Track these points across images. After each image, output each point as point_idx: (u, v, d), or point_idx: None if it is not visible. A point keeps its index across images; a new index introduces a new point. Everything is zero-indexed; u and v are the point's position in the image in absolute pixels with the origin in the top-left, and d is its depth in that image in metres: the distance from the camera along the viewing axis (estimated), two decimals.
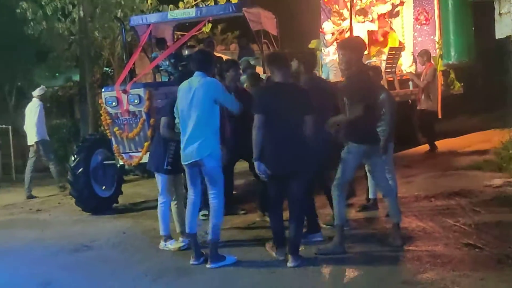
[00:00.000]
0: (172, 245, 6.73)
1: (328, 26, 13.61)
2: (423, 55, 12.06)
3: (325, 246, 6.21)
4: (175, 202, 6.85)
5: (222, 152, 6.15)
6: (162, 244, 6.78)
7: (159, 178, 6.79)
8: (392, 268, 5.68)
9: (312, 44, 14.39)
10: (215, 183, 6.06)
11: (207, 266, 5.99)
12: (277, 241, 6.04)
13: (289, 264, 5.79)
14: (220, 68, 7.79)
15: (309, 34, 15.29)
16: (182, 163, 6.12)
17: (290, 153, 5.74)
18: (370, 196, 7.81)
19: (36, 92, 11.48)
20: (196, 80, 6.03)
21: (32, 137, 11.22)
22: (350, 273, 5.64)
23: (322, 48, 13.67)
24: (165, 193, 6.78)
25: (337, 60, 7.13)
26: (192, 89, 5.99)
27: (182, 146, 6.04)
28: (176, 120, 6.30)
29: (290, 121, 5.76)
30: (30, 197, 10.99)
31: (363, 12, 13.35)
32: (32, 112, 11.23)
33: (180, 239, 6.79)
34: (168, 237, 6.78)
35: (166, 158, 6.56)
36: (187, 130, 6.01)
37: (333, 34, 13.37)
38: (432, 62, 12.30)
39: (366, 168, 7.53)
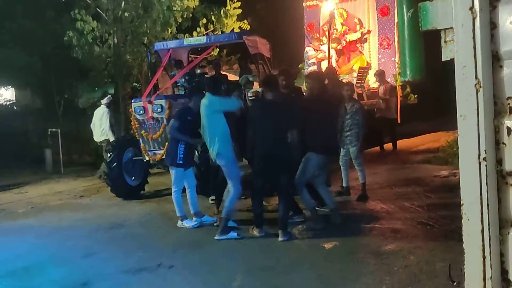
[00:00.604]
0: (187, 223, 6.72)
1: (310, 48, 13.59)
2: (379, 75, 11.97)
3: (308, 224, 6.26)
4: (188, 189, 6.84)
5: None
6: (179, 223, 6.77)
7: (173, 171, 6.79)
8: (361, 241, 5.69)
9: (301, 66, 14.38)
10: (228, 176, 6.20)
11: (215, 237, 6.03)
12: (257, 222, 6.06)
13: (280, 238, 5.79)
14: (227, 87, 7.80)
15: (295, 56, 15.28)
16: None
17: (274, 155, 5.80)
18: (344, 185, 7.81)
19: (104, 100, 11.19)
20: (205, 100, 6.28)
21: (103, 136, 10.91)
22: (327, 245, 5.63)
23: (305, 67, 13.62)
24: (178, 182, 6.77)
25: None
26: (203, 107, 6.26)
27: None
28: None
29: (275, 130, 5.79)
30: (100, 177, 10.84)
31: (337, 40, 13.37)
32: (103, 116, 10.89)
33: (194, 218, 6.78)
34: (184, 217, 6.76)
35: (178, 155, 6.61)
36: (206, 137, 6.24)
37: (316, 50, 13.36)
38: (389, 80, 12.32)
39: (340, 162, 7.59)
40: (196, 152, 7.70)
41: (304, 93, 7.06)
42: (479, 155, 1.89)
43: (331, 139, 6.40)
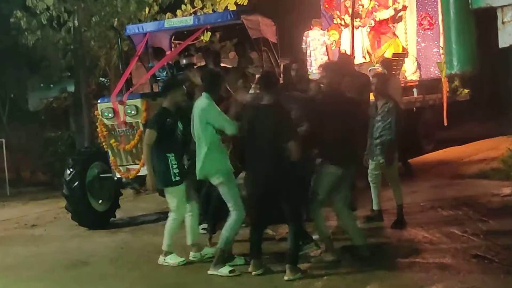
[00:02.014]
0: (171, 260, 6.72)
1: (319, 32, 13.56)
2: (383, 63, 11.63)
3: (324, 256, 6.38)
4: (190, 213, 6.85)
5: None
6: (161, 259, 6.77)
7: (169, 194, 6.78)
8: (398, 281, 5.67)
9: None
10: (225, 197, 6.27)
11: (208, 272, 6.16)
12: (252, 254, 6.10)
13: (286, 277, 5.80)
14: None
15: None
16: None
17: (267, 172, 5.88)
18: (374, 207, 7.81)
19: None
20: (201, 102, 6.35)
21: None
22: (352, 287, 5.62)
23: (309, 57, 13.54)
24: (179, 208, 6.74)
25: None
26: (195, 109, 6.34)
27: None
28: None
29: (268, 143, 5.86)
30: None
31: (358, 15, 13.27)
32: None
33: (192, 252, 6.81)
34: (168, 252, 6.77)
35: (171, 170, 6.61)
36: (197, 148, 6.36)
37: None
38: (431, 70, 12.34)
39: (369, 179, 7.61)
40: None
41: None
42: None
43: (352, 147, 6.42)
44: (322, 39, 13.35)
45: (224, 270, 6.12)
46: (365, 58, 13.11)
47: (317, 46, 13.25)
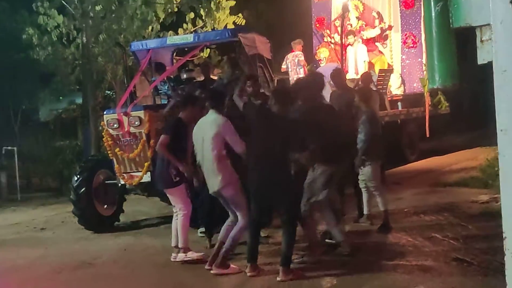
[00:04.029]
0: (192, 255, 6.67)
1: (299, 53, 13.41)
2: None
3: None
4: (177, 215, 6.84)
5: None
6: (180, 256, 6.69)
7: (171, 196, 6.80)
8: (383, 282, 5.65)
9: (309, 67, 14.40)
10: (235, 206, 6.24)
11: (212, 271, 6.10)
12: (250, 258, 6.04)
13: (279, 278, 5.75)
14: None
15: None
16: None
17: (268, 183, 5.83)
18: (365, 212, 7.80)
19: None
20: (208, 117, 6.32)
21: None
22: (342, 287, 5.60)
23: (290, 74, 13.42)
24: (184, 203, 6.75)
25: None
26: (205, 123, 6.28)
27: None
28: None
29: (271, 151, 5.80)
30: None
31: (352, 32, 13.36)
32: None
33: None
34: (187, 249, 6.71)
35: (172, 173, 6.63)
36: (202, 162, 6.30)
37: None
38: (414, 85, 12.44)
39: (360, 185, 7.63)
40: None
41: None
42: None
43: (337, 148, 6.37)
44: (296, 60, 13.13)
45: None
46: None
47: (294, 68, 13.05)
